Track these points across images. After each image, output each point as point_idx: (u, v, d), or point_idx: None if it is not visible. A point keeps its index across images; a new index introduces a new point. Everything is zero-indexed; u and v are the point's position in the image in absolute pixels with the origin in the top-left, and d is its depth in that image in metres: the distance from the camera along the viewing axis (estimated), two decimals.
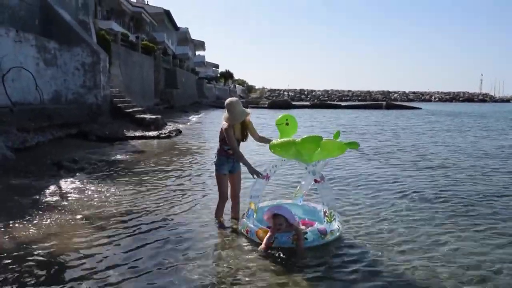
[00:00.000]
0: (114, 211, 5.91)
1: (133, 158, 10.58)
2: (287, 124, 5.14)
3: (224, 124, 5.07)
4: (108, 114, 16.03)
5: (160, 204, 6.32)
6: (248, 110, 5.21)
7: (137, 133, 14.91)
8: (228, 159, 5.22)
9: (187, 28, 62.80)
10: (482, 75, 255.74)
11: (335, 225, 4.90)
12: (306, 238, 4.56)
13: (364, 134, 17.66)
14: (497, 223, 5.55)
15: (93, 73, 15.27)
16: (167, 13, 50.72)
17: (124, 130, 14.85)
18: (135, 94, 23.14)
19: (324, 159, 5.03)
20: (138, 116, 17.15)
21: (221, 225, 5.32)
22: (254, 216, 5.09)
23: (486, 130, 20.68)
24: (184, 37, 62.60)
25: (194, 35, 68.58)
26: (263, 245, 4.46)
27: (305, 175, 5.35)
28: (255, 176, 5.01)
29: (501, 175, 8.86)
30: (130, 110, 17.49)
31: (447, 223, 5.52)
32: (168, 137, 15.41)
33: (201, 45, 75.26)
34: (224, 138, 5.10)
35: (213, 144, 13.75)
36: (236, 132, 5.12)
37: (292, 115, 5.28)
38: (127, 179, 8.05)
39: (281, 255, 4.32)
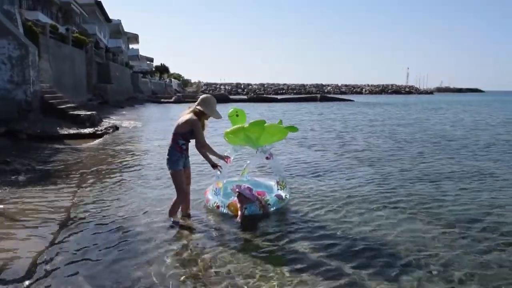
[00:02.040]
0: (54, 215, 5.61)
1: (69, 157, 10.09)
2: (237, 115, 6.07)
3: (193, 117, 5.08)
4: (39, 111, 15.14)
5: (104, 206, 6.07)
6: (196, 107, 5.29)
7: (72, 131, 14.21)
8: (182, 154, 5.18)
9: (120, 20, 60.56)
10: (408, 68, 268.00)
11: (286, 191, 6.16)
12: (269, 204, 5.71)
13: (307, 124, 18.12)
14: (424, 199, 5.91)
15: (21, 68, 14.35)
16: (99, 4, 48.66)
17: (58, 128, 14.12)
18: (66, 89, 22.01)
19: (269, 143, 6.07)
20: (72, 112, 16.36)
21: (176, 223, 5.26)
22: (221, 193, 5.90)
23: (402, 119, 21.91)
24: (117, 29, 60.42)
25: (127, 28, 66.41)
26: (238, 218, 5.33)
27: (251, 157, 6.45)
28: (220, 166, 5.40)
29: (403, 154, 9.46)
30: (63, 106, 16.65)
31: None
32: (105, 134, 14.83)
33: (134, 38, 73.02)
34: (183, 132, 5.07)
35: (153, 140, 13.45)
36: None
37: (241, 108, 6.20)
38: (64, 179, 7.67)
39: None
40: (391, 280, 3.81)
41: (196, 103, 5.27)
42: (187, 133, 5.09)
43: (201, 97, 5.37)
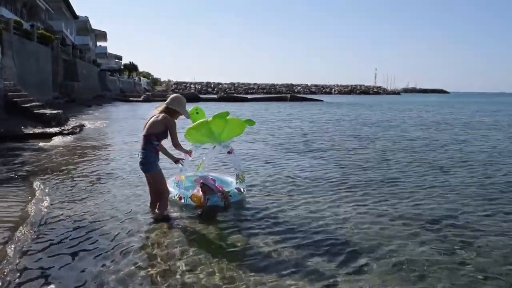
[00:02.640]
0: (18, 219, 5.54)
1: (35, 158, 9.90)
2: (197, 113, 6.33)
3: (167, 117, 5.17)
4: (3, 110, 14.76)
5: (69, 206, 6.03)
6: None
7: (37, 130, 13.92)
8: (156, 154, 5.24)
9: (87, 17, 59.37)
10: (376, 69, 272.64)
11: (244, 185, 6.53)
12: (230, 196, 6.07)
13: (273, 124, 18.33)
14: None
15: None
16: (65, 0, 47.57)
17: (22, 127, 13.80)
18: (31, 87, 21.45)
19: (230, 138, 6.39)
20: (37, 111, 16.00)
21: (169, 219, 5.38)
22: (183, 185, 6.28)
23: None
24: (84, 26, 59.17)
25: (95, 25, 65.19)
26: (203, 201, 5.78)
27: (207, 152, 6.92)
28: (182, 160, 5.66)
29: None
30: (28, 105, 16.24)
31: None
32: (72, 133, 14.60)
33: (102, 35, 71.64)
34: (157, 133, 5.11)
35: (120, 139, 13.34)
36: None
37: (200, 106, 6.49)
38: (31, 181, 7.53)
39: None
40: (353, 271, 3.98)
41: (166, 103, 5.33)
42: (161, 133, 5.13)
43: (172, 96, 5.45)
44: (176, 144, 5.20)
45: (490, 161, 10.14)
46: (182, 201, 5.99)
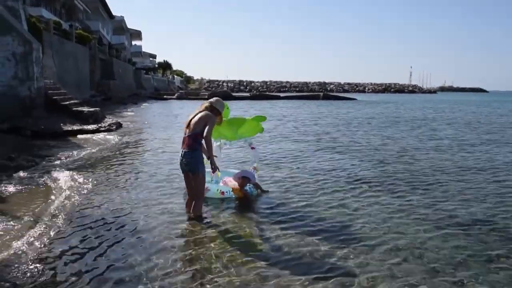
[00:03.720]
0: (65, 211, 5.65)
1: (75, 154, 10.14)
2: (227, 108, 6.16)
3: (209, 113, 5.19)
4: (43, 108, 15.20)
5: (109, 201, 6.12)
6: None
7: (75, 127, 14.28)
8: (202, 154, 5.25)
9: (123, 17, 60.57)
10: (411, 67, 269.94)
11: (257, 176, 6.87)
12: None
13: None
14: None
15: (25, 64, 14.39)
16: (102, 1, 48.66)
17: (61, 124, 14.18)
18: (69, 86, 22.07)
19: (249, 136, 6.88)
20: (76, 109, 16.43)
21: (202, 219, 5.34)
22: (220, 181, 6.55)
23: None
24: (119, 26, 60.39)
25: (130, 24, 66.42)
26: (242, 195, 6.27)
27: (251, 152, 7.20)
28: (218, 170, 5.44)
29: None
30: (67, 102, 16.70)
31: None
32: (108, 130, 14.90)
33: (137, 34, 72.98)
34: (202, 131, 5.06)
35: (154, 135, 13.51)
36: None
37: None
38: (71, 176, 7.69)
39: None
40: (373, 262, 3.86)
41: (211, 102, 5.36)
42: (203, 130, 5.07)
43: (217, 98, 5.52)
44: (209, 139, 5.08)
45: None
46: (225, 195, 6.28)
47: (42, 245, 4.46)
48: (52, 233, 4.80)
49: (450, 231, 5.04)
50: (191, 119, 5.20)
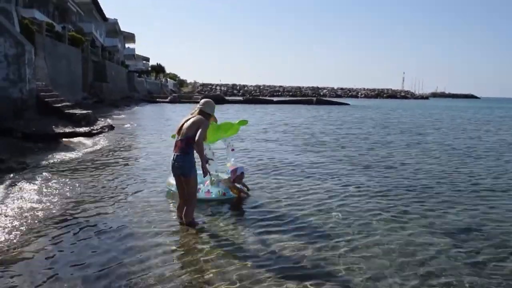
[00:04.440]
0: (57, 214, 5.64)
1: (66, 156, 10.11)
2: None
3: (202, 118, 5.19)
4: (35, 110, 15.12)
5: (102, 205, 6.12)
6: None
7: (67, 130, 14.21)
8: (194, 158, 5.23)
9: (116, 19, 60.37)
10: (404, 73, 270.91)
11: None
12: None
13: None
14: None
15: (17, 66, 14.32)
16: (95, 3, 48.46)
17: (53, 126, 14.10)
18: (62, 88, 21.96)
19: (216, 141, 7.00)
20: (68, 111, 16.36)
21: (195, 223, 5.29)
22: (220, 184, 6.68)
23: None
24: (113, 28, 60.18)
25: (124, 27, 66.24)
26: (242, 194, 6.65)
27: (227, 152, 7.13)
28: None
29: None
30: (59, 105, 16.63)
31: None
32: (101, 133, 14.87)
33: (131, 37, 72.72)
34: (194, 135, 5.01)
35: (146, 139, 13.50)
36: None
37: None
38: (62, 179, 7.68)
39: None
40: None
41: (201, 107, 5.31)
42: (195, 134, 5.04)
43: (205, 100, 5.45)
44: (200, 143, 5.04)
45: None
46: (226, 196, 6.56)
47: (31, 249, 4.45)
48: (40, 237, 4.80)
49: (435, 234, 5.10)
50: (183, 123, 5.21)
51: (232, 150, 7.13)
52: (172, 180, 6.32)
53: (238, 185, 6.67)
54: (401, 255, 4.47)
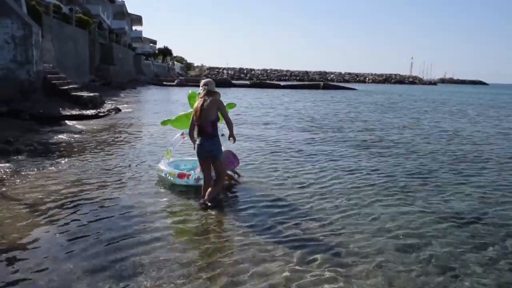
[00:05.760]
0: (61, 196, 5.70)
1: (72, 139, 10.18)
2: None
3: (217, 98, 5.41)
4: (42, 92, 15.19)
5: (106, 187, 6.18)
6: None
7: (74, 112, 14.27)
8: None
9: (124, 1, 60.06)
10: (412, 58, 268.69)
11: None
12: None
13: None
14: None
15: (24, 47, 14.35)
16: None
17: (60, 109, 14.17)
18: (68, 70, 22.03)
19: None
20: (75, 93, 16.41)
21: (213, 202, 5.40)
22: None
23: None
24: (120, 10, 59.89)
25: (131, 9, 65.95)
26: (233, 180, 6.48)
27: (172, 141, 6.88)
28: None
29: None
30: (66, 87, 16.68)
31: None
32: (107, 115, 14.93)
33: (138, 19, 72.34)
34: (217, 117, 5.37)
35: (152, 121, 13.53)
36: None
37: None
38: (69, 161, 7.75)
39: None
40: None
41: (209, 88, 5.45)
42: (217, 116, 5.39)
43: (207, 81, 5.65)
44: (230, 122, 5.49)
45: None
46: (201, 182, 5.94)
47: (39, 232, 4.52)
48: (47, 220, 4.87)
49: (436, 221, 5.11)
50: (200, 107, 5.32)
51: (222, 135, 6.97)
52: (162, 166, 6.46)
53: (229, 172, 6.51)
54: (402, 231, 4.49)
